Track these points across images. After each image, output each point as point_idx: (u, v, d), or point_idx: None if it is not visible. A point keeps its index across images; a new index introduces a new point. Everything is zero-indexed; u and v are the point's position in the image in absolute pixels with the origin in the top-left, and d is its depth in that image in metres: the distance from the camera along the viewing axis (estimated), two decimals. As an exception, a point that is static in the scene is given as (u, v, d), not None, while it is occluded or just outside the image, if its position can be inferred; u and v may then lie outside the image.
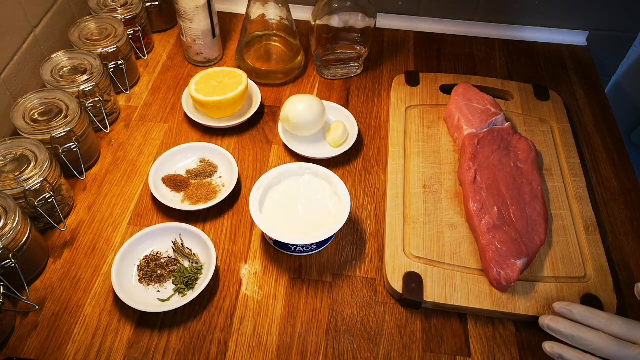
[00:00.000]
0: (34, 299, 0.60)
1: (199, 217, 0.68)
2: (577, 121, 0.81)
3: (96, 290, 0.61)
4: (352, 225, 0.68)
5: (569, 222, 0.66)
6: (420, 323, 0.60)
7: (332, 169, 0.67)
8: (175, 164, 0.72)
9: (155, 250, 0.64)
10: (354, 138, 0.74)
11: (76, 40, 0.77)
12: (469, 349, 0.58)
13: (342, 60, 0.84)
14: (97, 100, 0.72)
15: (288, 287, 0.62)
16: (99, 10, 0.82)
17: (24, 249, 0.58)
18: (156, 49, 0.91)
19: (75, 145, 0.67)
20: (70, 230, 0.66)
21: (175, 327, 0.59)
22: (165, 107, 0.81)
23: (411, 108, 0.79)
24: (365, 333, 0.59)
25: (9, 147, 0.63)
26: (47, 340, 0.57)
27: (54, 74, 0.72)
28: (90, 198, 0.70)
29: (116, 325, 0.59)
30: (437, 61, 0.90)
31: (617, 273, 0.64)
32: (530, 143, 0.71)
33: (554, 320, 0.53)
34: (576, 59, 0.92)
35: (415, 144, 0.74)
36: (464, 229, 0.65)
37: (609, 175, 0.74)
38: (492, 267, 0.59)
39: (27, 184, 0.60)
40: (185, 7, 0.79)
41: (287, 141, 0.74)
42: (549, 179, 0.71)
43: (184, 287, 0.60)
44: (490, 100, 0.75)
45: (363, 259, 0.65)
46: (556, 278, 0.61)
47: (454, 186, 0.70)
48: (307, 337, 0.58)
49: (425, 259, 0.62)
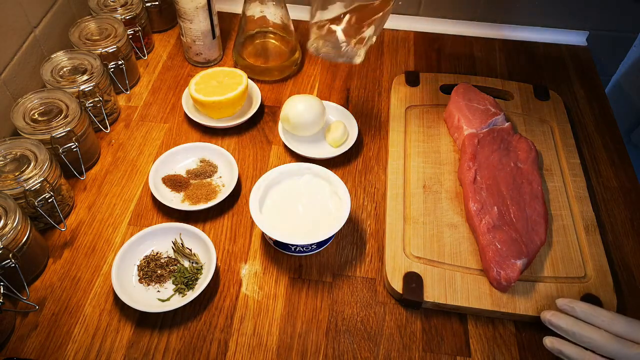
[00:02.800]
0: (34, 299, 0.60)
1: (199, 217, 0.68)
2: (577, 121, 0.81)
3: (96, 290, 0.61)
4: (352, 225, 0.68)
5: (569, 222, 0.66)
6: (420, 323, 0.60)
7: (332, 169, 0.67)
8: (175, 164, 0.72)
9: (155, 250, 0.64)
10: (354, 138, 0.74)
11: (76, 40, 0.77)
12: (469, 349, 0.58)
13: (348, 26, 0.66)
14: (97, 100, 0.72)
15: (288, 287, 0.62)
16: (98, 10, 0.82)
17: (24, 249, 0.58)
18: (156, 49, 0.91)
19: (75, 145, 0.67)
20: (70, 230, 0.66)
21: (175, 327, 0.59)
22: (165, 107, 0.81)
23: (411, 108, 0.79)
24: (365, 333, 0.59)
25: (9, 147, 0.63)
26: (47, 340, 0.57)
27: (54, 74, 0.72)
28: (90, 198, 0.70)
29: (116, 325, 0.59)
30: (437, 61, 0.90)
31: (617, 273, 0.64)
32: (530, 143, 0.71)
33: (556, 316, 0.53)
34: (576, 59, 0.92)
35: (415, 144, 0.74)
36: (464, 229, 0.65)
37: (609, 175, 0.74)
38: (492, 267, 0.59)
39: (27, 184, 0.60)
40: (185, 8, 0.79)
41: (287, 141, 0.74)
42: (549, 179, 0.71)
43: (184, 287, 0.60)
44: (490, 100, 0.75)
45: (363, 259, 0.65)
46: (556, 278, 0.61)
47: (454, 186, 0.70)
48: (307, 337, 0.58)
49: (425, 259, 0.62)
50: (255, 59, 0.85)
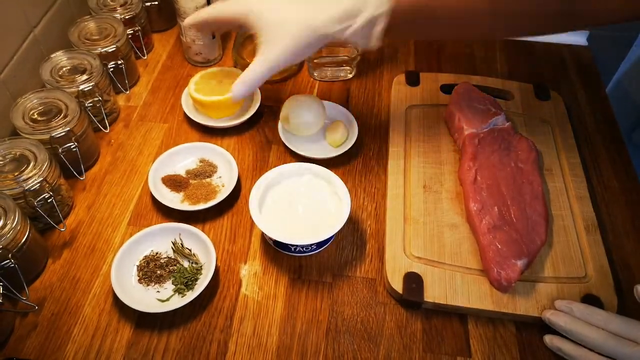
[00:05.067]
0: (33, 299, 0.60)
1: (198, 217, 0.68)
2: (577, 121, 0.81)
3: (96, 291, 0.61)
4: (352, 225, 0.68)
5: (569, 222, 0.66)
6: (421, 323, 0.60)
7: (332, 169, 0.67)
8: (174, 164, 0.72)
9: (155, 251, 0.63)
10: (354, 138, 0.74)
11: (76, 40, 0.76)
12: (469, 349, 0.58)
13: (334, 63, 0.84)
14: (96, 100, 0.72)
15: (288, 288, 0.62)
16: (98, 10, 0.82)
17: (24, 249, 0.58)
18: (156, 48, 0.91)
19: (75, 145, 0.67)
20: (69, 231, 0.66)
21: (174, 327, 0.59)
22: (164, 107, 0.81)
23: (411, 108, 0.79)
24: (366, 333, 0.59)
25: (8, 147, 0.63)
26: (47, 341, 0.57)
27: (53, 73, 0.72)
28: (90, 198, 0.70)
29: (116, 325, 0.58)
30: (437, 61, 0.90)
31: (618, 273, 0.64)
32: (531, 143, 0.71)
33: (555, 315, 0.54)
34: (577, 58, 0.91)
35: (415, 144, 0.74)
36: (465, 229, 0.65)
37: (610, 175, 0.74)
38: (492, 268, 0.59)
39: (26, 184, 0.60)
40: (184, 8, 0.79)
41: (287, 141, 0.74)
42: (549, 179, 0.71)
43: (184, 287, 0.60)
44: (490, 100, 0.75)
45: (363, 259, 0.65)
46: (556, 278, 0.61)
47: (454, 186, 0.69)
48: (307, 338, 0.58)
49: (426, 259, 0.62)
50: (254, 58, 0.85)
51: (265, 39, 0.57)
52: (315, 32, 0.55)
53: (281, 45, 0.56)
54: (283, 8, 0.57)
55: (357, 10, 0.54)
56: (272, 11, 0.57)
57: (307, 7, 0.56)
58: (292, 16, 0.56)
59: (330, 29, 0.55)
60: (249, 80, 0.59)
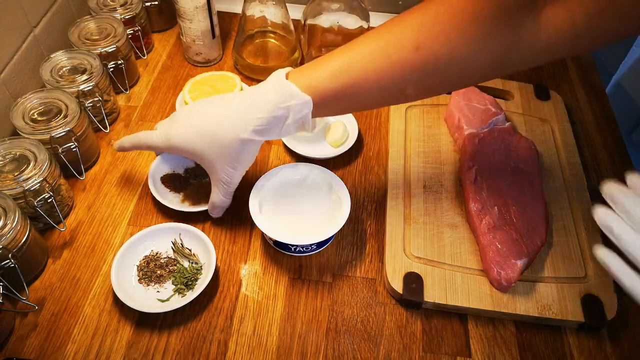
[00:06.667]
0: (33, 299, 0.60)
1: (198, 217, 0.68)
2: (577, 121, 0.81)
3: (96, 291, 0.61)
4: (352, 225, 0.68)
5: (569, 222, 0.66)
6: (421, 323, 0.60)
7: (332, 169, 0.67)
8: (174, 164, 0.72)
9: (155, 251, 0.63)
10: (354, 138, 0.74)
11: (76, 40, 0.76)
12: (469, 349, 0.58)
13: None
14: (96, 100, 0.72)
15: (288, 288, 0.62)
16: (98, 10, 0.82)
17: (24, 249, 0.58)
18: (156, 48, 0.91)
19: (75, 145, 0.67)
20: (69, 231, 0.66)
21: (174, 327, 0.59)
22: (164, 107, 0.81)
23: (411, 108, 0.79)
24: (365, 333, 0.59)
25: (9, 147, 0.63)
26: (47, 341, 0.57)
27: (53, 73, 0.72)
28: (90, 198, 0.70)
29: (116, 325, 0.58)
30: (437, 61, 0.90)
31: (618, 273, 0.64)
32: (531, 143, 0.71)
33: (614, 187, 0.46)
34: (577, 58, 0.91)
35: (415, 144, 0.74)
36: (465, 229, 0.65)
37: (610, 175, 0.74)
38: (492, 268, 0.59)
39: (26, 184, 0.60)
40: (184, 7, 0.79)
41: (287, 141, 0.74)
42: (549, 179, 0.71)
43: (184, 287, 0.60)
44: (490, 100, 0.75)
45: (363, 259, 0.65)
46: (556, 278, 0.61)
47: (454, 186, 0.69)
48: (307, 338, 0.58)
49: (426, 259, 0.62)
50: (255, 58, 0.85)
51: (208, 171, 0.62)
52: (245, 143, 0.57)
53: (222, 172, 0.60)
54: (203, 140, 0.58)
55: (283, 117, 0.55)
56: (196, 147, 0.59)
57: (233, 123, 0.57)
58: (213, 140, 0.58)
59: (258, 137, 0.57)
60: (219, 207, 0.64)
